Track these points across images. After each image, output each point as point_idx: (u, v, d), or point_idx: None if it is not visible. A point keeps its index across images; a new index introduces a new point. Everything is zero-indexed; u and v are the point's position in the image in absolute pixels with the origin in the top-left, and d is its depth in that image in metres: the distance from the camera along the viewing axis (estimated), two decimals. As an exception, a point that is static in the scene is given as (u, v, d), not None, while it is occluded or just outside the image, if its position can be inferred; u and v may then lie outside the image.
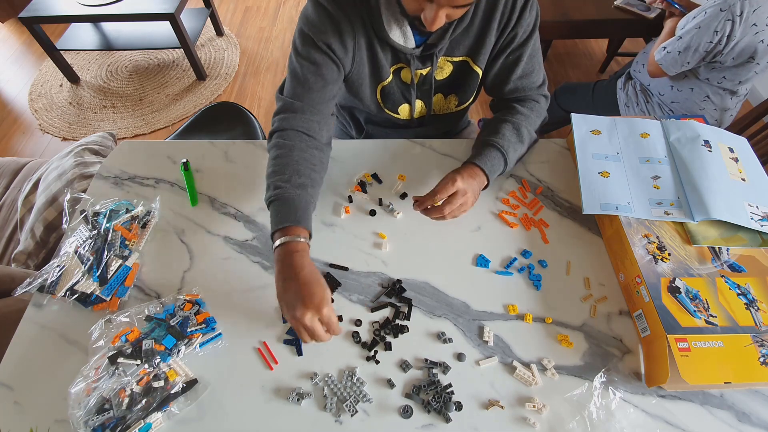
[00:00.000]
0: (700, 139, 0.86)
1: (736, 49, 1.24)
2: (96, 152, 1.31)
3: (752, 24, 1.18)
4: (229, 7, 3.02)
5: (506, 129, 0.85)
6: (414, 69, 0.85)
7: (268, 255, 0.81)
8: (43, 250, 1.18)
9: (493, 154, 0.82)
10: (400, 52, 0.82)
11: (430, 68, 0.86)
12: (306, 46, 0.78)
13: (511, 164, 0.85)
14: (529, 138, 0.88)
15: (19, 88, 2.54)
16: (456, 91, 0.93)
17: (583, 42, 2.66)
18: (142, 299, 0.76)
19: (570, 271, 0.79)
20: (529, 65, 0.86)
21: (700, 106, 1.40)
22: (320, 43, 0.76)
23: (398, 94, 0.91)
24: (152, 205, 0.87)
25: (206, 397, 0.66)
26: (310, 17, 0.77)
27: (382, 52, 0.82)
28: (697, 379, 0.60)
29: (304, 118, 0.80)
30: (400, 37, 0.79)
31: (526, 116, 0.87)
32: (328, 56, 0.78)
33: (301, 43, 0.78)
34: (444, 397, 0.65)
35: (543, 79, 0.91)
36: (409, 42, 0.80)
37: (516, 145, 0.85)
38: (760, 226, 0.75)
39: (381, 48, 0.81)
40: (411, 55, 0.82)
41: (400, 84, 0.89)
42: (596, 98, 1.66)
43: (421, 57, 0.83)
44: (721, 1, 1.19)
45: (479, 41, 0.83)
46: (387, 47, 0.81)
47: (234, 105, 1.56)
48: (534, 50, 0.86)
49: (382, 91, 0.90)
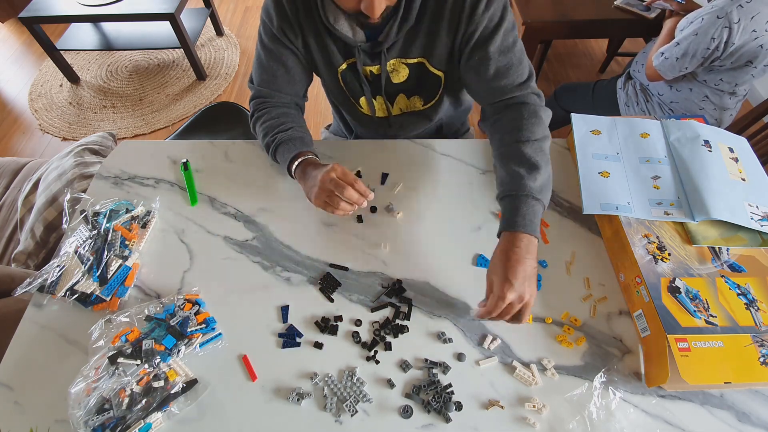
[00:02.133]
0: (700, 139, 0.86)
1: (735, 54, 1.24)
2: (96, 152, 1.31)
3: (752, 30, 1.18)
4: (229, 7, 3.02)
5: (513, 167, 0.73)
6: (361, 64, 0.83)
7: (268, 255, 0.81)
8: (43, 250, 1.18)
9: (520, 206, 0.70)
10: (348, 45, 0.82)
11: (380, 66, 0.83)
12: (266, 34, 0.83)
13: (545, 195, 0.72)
14: (539, 151, 0.74)
15: (19, 88, 2.55)
16: (419, 92, 0.91)
17: (583, 42, 2.66)
18: (142, 299, 0.76)
19: (570, 271, 0.79)
20: (502, 62, 0.77)
21: (699, 105, 1.40)
22: (276, 31, 0.80)
23: (356, 85, 0.90)
24: (152, 205, 0.87)
25: (206, 397, 0.66)
26: (267, 5, 0.80)
27: (333, 43, 0.82)
28: (697, 379, 0.60)
29: (276, 99, 0.89)
30: (348, 29, 0.77)
31: (521, 131, 0.75)
32: (282, 44, 0.82)
33: (262, 30, 0.83)
34: (444, 397, 0.65)
35: (528, 76, 0.79)
36: (358, 35, 0.78)
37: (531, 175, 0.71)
38: (760, 226, 0.75)
39: (331, 38, 0.82)
40: (358, 49, 0.81)
41: (355, 76, 0.88)
42: (596, 98, 1.66)
43: (370, 54, 0.82)
44: (718, 9, 1.19)
45: (431, 42, 0.79)
46: (337, 38, 0.81)
47: (234, 105, 1.56)
48: (504, 46, 0.76)
49: (342, 76, 0.89)
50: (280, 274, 0.79)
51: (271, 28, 0.81)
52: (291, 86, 0.89)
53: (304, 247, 0.82)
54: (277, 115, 0.87)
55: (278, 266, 0.80)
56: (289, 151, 0.82)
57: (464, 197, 0.87)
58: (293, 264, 0.80)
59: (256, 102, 0.90)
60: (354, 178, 0.72)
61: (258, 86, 0.89)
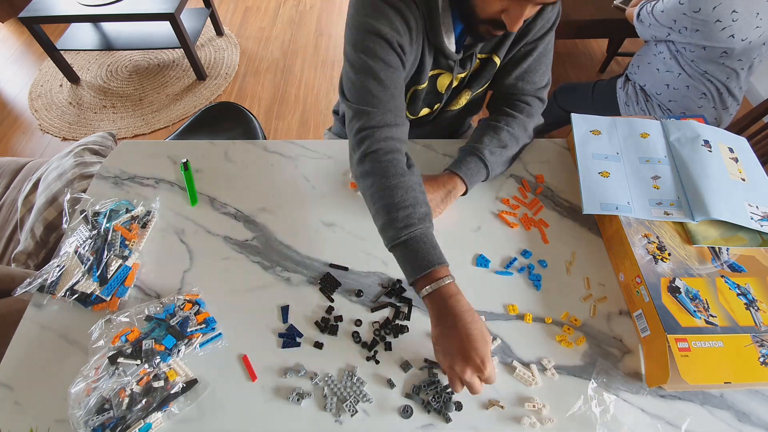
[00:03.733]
0: (700, 139, 0.86)
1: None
2: (96, 152, 1.31)
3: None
4: (229, 7, 3.02)
5: (486, 135, 0.84)
6: (456, 74, 0.84)
7: (268, 255, 0.81)
8: (43, 250, 1.18)
9: (469, 159, 0.82)
10: (442, 58, 0.79)
11: (469, 69, 0.85)
12: (382, 48, 0.69)
13: (494, 168, 0.83)
14: (513, 141, 0.86)
15: (19, 88, 2.54)
16: (472, 86, 0.91)
17: (583, 42, 2.66)
18: (142, 299, 0.76)
19: (570, 271, 0.79)
20: (536, 62, 0.85)
21: (697, 103, 1.40)
22: (394, 43, 0.69)
23: (423, 101, 0.89)
24: (152, 205, 0.87)
25: (206, 397, 0.66)
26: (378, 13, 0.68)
27: (428, 57, 0.78)
28: (697, 379, 0.60)
29: (399, 130, 0.73)
30: (447, 41, 0.76)
31: (513, 118, 0.86)
32: (400, 57, 0.72)
33: (375, 43, 0.69)
34: (444, 396, 0.65)
35: (546, 83, 0.89)
36: (452, 47, 0.77)
37: (495, 149, 0.82)
38: (760, 226, 0.75)
39: (428, 52, 0.78)
40: (455, 60, 0.80)
41: (432, 90, 0.88)
42: (596, 98, 1.66)
43: (461, 60, 0.82)
44: None
45: (504, 36, 0.81)
46: (432, 52, 0.78)
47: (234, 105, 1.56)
48: (546, 49, 0.84)
49: (413, 94, 0.87)
50: (280, 274, 0.79)
51: (390, 42, 0.69)
52: (404, 107, 0.76)
53: (304, 247, 0.82)
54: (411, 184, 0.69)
55: (278, 266, 0.80)
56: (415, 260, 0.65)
57: (464, 197, 0.87)
58: (293, 264, 0.80)
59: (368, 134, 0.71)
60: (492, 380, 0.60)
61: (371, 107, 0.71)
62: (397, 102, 0.73)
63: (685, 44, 1.32)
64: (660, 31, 1.35)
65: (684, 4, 1.24)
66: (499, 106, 0.90)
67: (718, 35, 1.23)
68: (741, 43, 1.24)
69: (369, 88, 0.71)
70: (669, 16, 1.29)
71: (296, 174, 0.93)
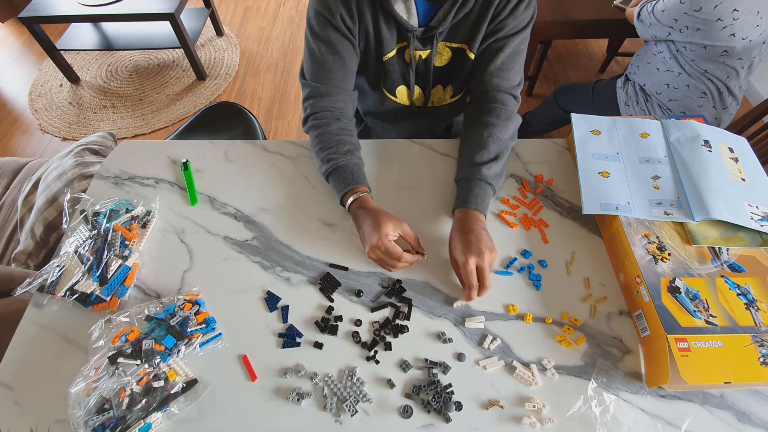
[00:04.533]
0: (700, 139, 0.86)
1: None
2: (96, 152, 1.31)
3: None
4: (229, 7, 3.02)
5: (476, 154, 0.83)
6: (413, 49, 0.86)
7: (268, 255, 0.81)
8: (43, 250, 1.18)
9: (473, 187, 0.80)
10: (403, 29, 0.83)
11: (430, 51, 0.87)
12: (321, 26, 0.80)
13: (497, 182, 0.83)
14: (504, 148, 0.85)
15: (19, 88, 2.55)
16: (452, 81, 0.95)
17: (583, 42, 2.66)
18: (142, 299, 0.76)
19: (570, 271, 0.79)
20: (510, 60, 0.86)
21: (697, 103, 1.40)
22: (334, 20, 0.78)
23: (398, 74, 0.92)
24: (152, 205, 0.87)
25: (206, 397, 0.66)
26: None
27: (387, 28, 0.83)
28: (697, 379, 0.60)
29: (331, 99, 0.86)
30: (404, 11, 0.80)
31: (494, 126, 0.85)
32: (341, 33, 0.80)
33: (315, 23, 0.80)
34: (444, 397, 0.65)
35: (519, 81, 0.90)
36: (413, 19, 0.81)
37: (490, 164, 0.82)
38: (760, 226, 0.75)
39: (386, 22, 0.82)
40: (412, 33, 0.82)
41: (402, 63, 0.90)
42: (596, 98, 1.66)
43: (422, 39, 0.84)
44: None
45: (475, 27, 0.84)
46: (392, 22, 0.82)
47: (234, 105, 1.56)
48: (519, 48, 0.86)
49: (385, 65, 0.90)
50: (280, 274, 0.79)
51: (329, 18, 0.79)
52: (347, 80, 0.87)
53: (304, 247, 0.82)
54: (336, 131, 0.84)
55: (278, 266, 0.80)
56: (344, 182, 0.80)
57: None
58: (293, 264, 0.80)
59: (312, 103, 0.87)
60: (400, 254, 0.72)
61: (314, 82, 0.86)
62: (335, 75, 0.85)
63: (685, 43, 1.33)
64: (660, 30, 1.35)
65: (685, 3, 1.24)
66: (476, 112, 0.89)
67: (719, 34, 1.23)
68: (741, 42, 1.24)
69: (313, 66, 0.85)
70: (670, 16, 1.29)
71: (296, 174, 0.93)
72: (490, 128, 0.85)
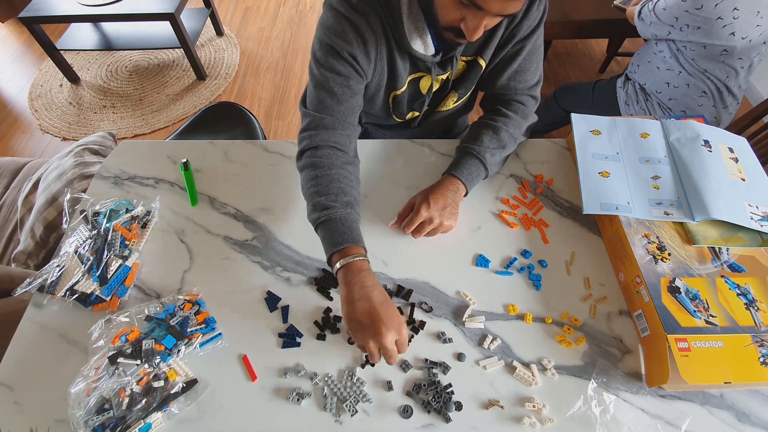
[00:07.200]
0: (700, 139, 0.86)
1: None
2: (96, 152, 1.31)
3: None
4: (229, 7, 3.01)
5: (485, 135, 0.85)
6: (435, 76, 0.84)
7: (268, 255, 0.81)
8: (43, 250, 1.18)
9: (470, 162, 0.83)
10: (419, 61, 0.80)
11: (450, 71, 0.85)
12: (331, 57, 0.74)
13: (493, 169, 0.85)
14: (512, 141, 0.87)
15: (19, 88, 2.54)
16: (457, 86, 0.92)
17: (583, 42, 2.66)
18: (142, 299, 0.76)
19: (570, 271, 0.79)
20: (526, 61, 0.85)
21: (697, 102, 1.40)
22: (345, 54, 0.73)
23: (407, 104, 0.90)
24: (152, 205, 0.87)
25: (206, 397, 0.66)
26: (332, 27, 0.73)
27: (401, 62, 0.80)
28: (697, 379, 0.60)
29: (336, 133, 0.78)
30: (421, 46, 0.76)
31: (510, 119, 0.87)
32: (353, 67, 0.75)
33: (324, 54, 0.75)
34: (444, 397, 0.65)
35: (538, 80, 0.89)
36: (429, 50, 0.78)
37: (495, 151, 0.84)
38: (760, 226, 0.75)
39: (400, 57, 0.79)
40: (432, 63, 0.80)
41: (414, 93, 0.88)
42: (596, 98, 1.66)
43: (441, 63, 0.82)
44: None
45: (489, 37, 0.81)
46: (406, 56, 0.79)
47: (234, 105, 1.56)
48: (535, 47, 0.84)
49: (394, 99, 0.88)
50: (280, 274, 0.79)
51: (340, 53, 0.74)
52: (354, 114, 0.81)
53: (304, 247, 0.82)
54: (338, 176, 0.75)
55: (278, 266, 0.80)
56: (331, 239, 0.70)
57: (464, 197, 0.87)
58: (293, 264, 0.80)
59: (312, 134, 0.77)
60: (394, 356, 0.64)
61: (317, 112, 0.78)
62: (343, 108, 0.78)
63: (685, 42, 1.33)
64: (661, 29, 1.35)
65: (686, 1, 1.24)
66: (493, 106, 0.91)
67: (719, 33, 1.23)
68: (741, 42, 1.24)
69: (318, 96, 0.77)
70: (671, 14, 1.29)
71: (296, 174, 0.92)
72: (506, 119, 0.87)
